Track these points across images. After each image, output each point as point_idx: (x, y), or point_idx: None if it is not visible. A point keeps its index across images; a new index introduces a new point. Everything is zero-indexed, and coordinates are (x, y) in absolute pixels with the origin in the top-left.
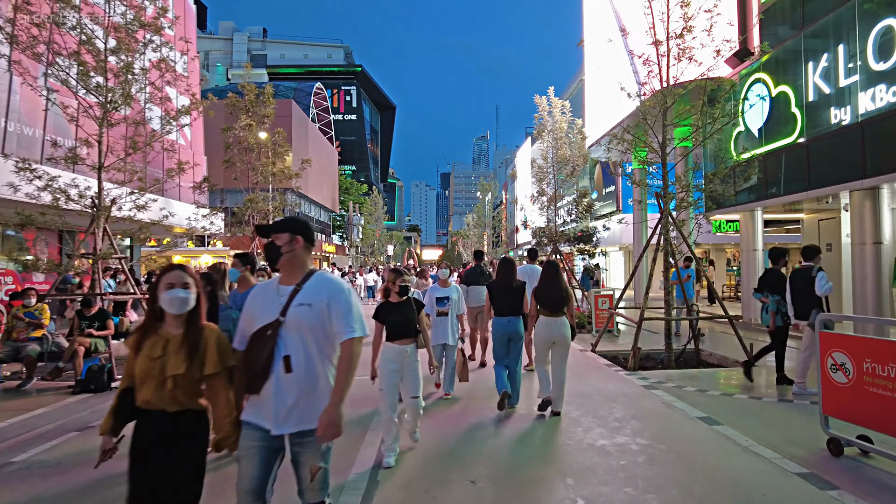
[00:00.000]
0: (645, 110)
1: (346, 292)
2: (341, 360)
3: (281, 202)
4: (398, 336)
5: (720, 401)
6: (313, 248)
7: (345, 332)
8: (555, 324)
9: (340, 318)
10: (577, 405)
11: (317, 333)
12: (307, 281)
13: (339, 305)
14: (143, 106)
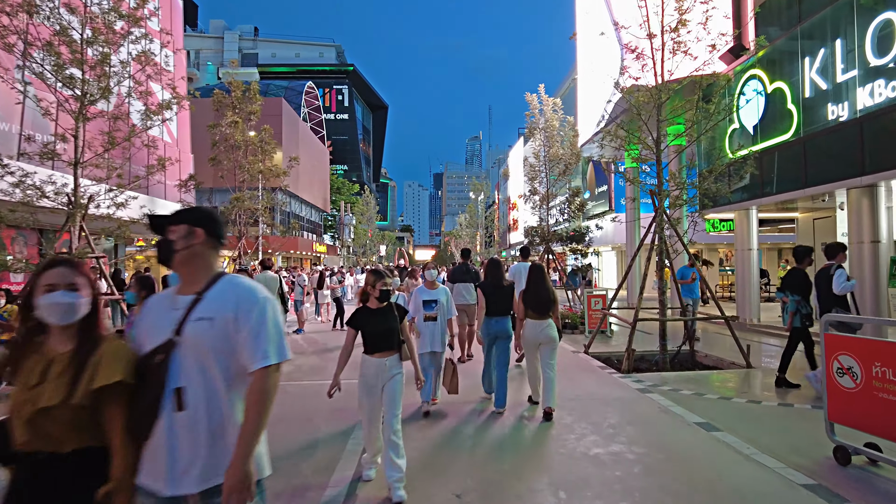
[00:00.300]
0: (639, 106)
1: (261, 303)
2: (250, 396)
3: (268, 200)
4: (378, 348)
5: (718, 405)
6: (222, 246)
7: (255, 359)
8: (541, 326)
9: (250, 340)
10: (570, 410)
11: (223, 357)
12: (211, 288)
13: (248, 321)
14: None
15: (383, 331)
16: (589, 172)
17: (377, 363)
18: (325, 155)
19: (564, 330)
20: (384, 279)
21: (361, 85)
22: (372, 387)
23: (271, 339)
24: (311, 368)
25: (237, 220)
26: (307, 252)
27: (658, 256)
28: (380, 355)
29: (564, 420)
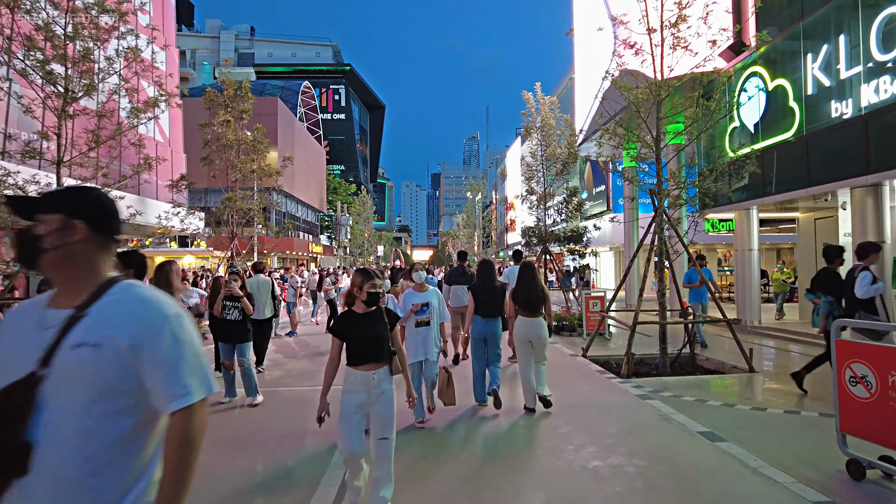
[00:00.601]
0: (638, 103)
1: (173, 322)
2: (168, 447)
3: (261, 200)
4: (364, 359)
5: (722, 413)
6: (113, 244)
7: (172, 398)
8: (532, 324)
9: (163, 373)
10: (568, 418)
11: (111, 398)
12: (97, 300)
13: (158, 347)
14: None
15: (371, 339)
16: (587, 172)
17: (363, 377)
18: (321, 155)
19: (562, 332)
20: (373, 280)
21: (358, 85)
22: (357, 407)
23: (191, 368)
24: (301, 373)
25: (230, 220)
26: (303, 253)
27: (658, 257)
28: (366, 368)
29: (562, 429)
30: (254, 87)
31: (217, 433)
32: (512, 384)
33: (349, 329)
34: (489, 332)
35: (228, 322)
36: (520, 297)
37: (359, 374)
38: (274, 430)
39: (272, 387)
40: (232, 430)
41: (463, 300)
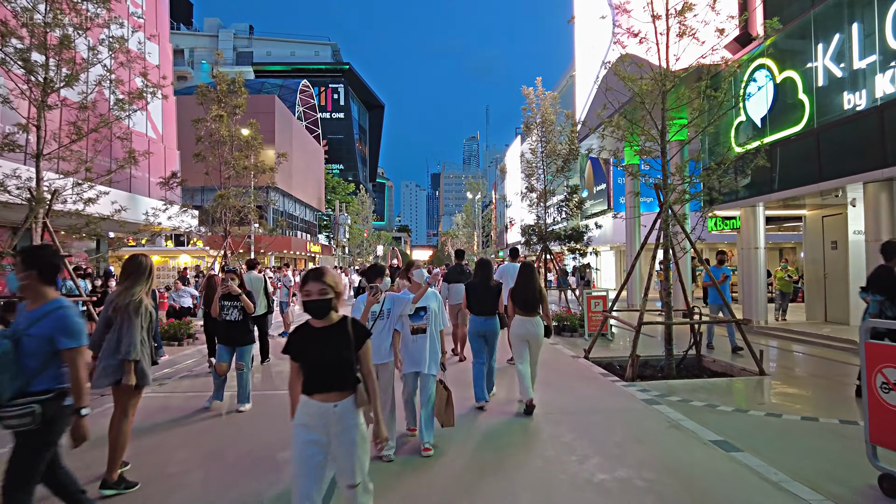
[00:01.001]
0: (643, 94)
1: None
2: None
3: (255, 198)
4: (319, 386)
5: (734, 419)
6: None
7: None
8: (529, 323)
9: None
10: (571, 426)
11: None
12: None
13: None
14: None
15: (328, 362)
16: (587, 171)
17: (320, 410)
18: (319, 154)
19: (563, 333)
20: (320, 280)
21: (357, 84)
22: (310, 444)
23: None
24: None
25: (223, 218)
26: (301, 252)
27: (664, 255)
28: (323, 397)
29: (564, 438)
30: (252, 85)
31: (197, 443)
32: (503, 383)
33: (302, 348)
34: (487, 330)
35: (228, 323)
36: (518, 296)
37: (313, 405)
38: (259, 441)
39: (260, 390)
40: (215, 440)
41: (460, 298)
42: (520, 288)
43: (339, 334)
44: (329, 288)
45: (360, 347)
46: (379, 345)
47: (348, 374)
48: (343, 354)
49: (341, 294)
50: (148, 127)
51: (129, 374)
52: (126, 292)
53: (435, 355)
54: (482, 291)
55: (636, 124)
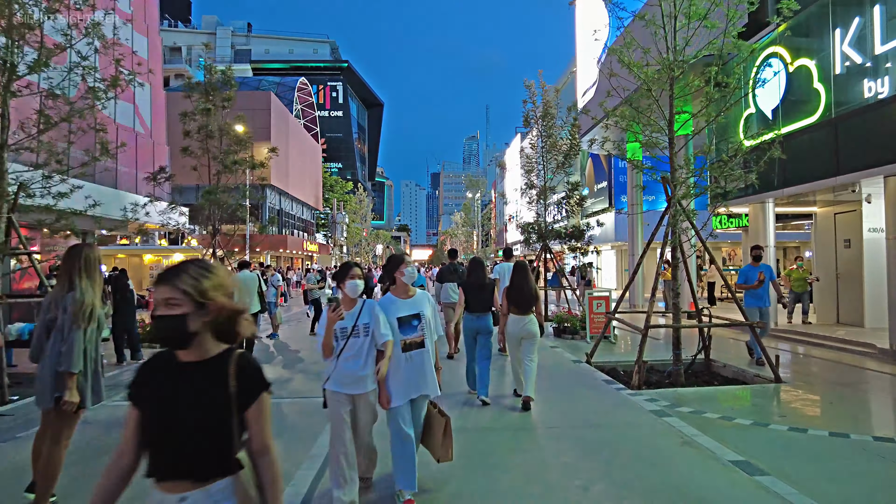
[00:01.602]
0: (649, 81)
1: None
2: None
3: (244, 194)
4: (168, 471)
5: (755, 435)
6: None
7: None
8: (523, 321)
9: None
10: (573, 442)
11: None
12: None
13: None
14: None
15: (181, 424)
16: (588, 168)
17: None
18: (317, 152)
19: (563, 335)
20: (171, 283)
21: (356, 82)
22: None
23: None
24: (275, 382)
25: (211, 215)
26: (297, 251)
27: (671, 253)
28: (169, 487)
29: (566, 457)
30: (250, 83)
31: None
32: (499, 376)
33: (153, 397)
34: (480, 327)
35: None
36: (513, 295)
37: (161, 498)
38: None
39: None
40: None
41: (451, 297)
42: (515, 287)
43: (209, 379)
44: (186, 297)
45: (249, 405)
46: (353, 373)
47: (217, 450)
48: (211, 416)
49: (223, 306)
50: (136, 121)
51: (72, 391)
52: (65, 288)
53: (430, 373)
54: (476, 289)
55: (642, 113)
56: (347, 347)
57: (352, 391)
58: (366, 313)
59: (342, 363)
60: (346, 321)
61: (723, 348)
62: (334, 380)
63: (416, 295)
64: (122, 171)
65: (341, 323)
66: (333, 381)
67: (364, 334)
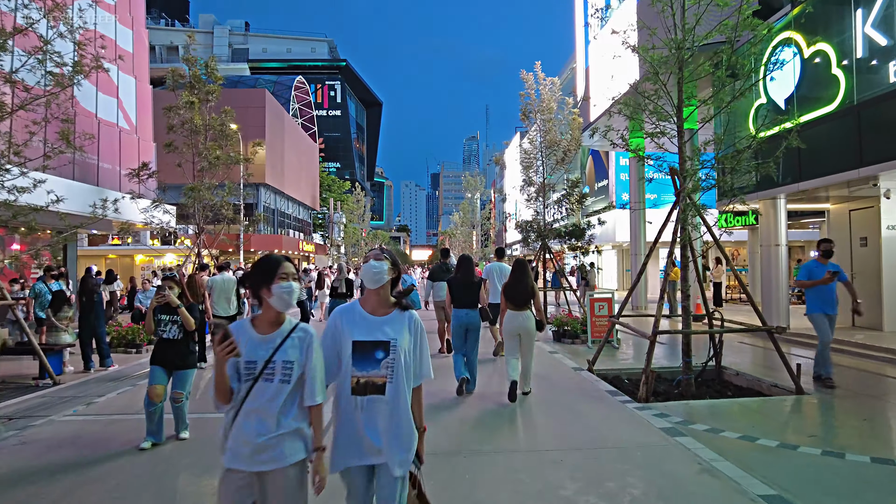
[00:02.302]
0: (657, 64)
1: None
2: None
3: (229, 192)
4: None
5: (784, 460)
6: None
7: None
8: (521, 317)
9: None
10: (573, 468)
11: None
12: None
13: None
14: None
15: None
16: (588, 166)
17: None
18: (314, 151)
19: (563, 339)
20: None
21: (355, 81)
22: None
23: None
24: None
25: (195, 214)
26: (293, 251)
27: (681, 252)
28: None
29: (566, 489)
30: (246, 82)
31: (104, 491)
32: (493, 374)
33: None
34: (468, 323)
35: (165, 341)
36: (511, 292)
37: None
38: None
39: (201, 412)
40: (132, 488)
41: (442, 296)
42: (513, 284)
43: None
44: None
45: None
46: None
47: None
48: None
49: None
50: (119, 116)
51: None
52: None
53: (405, 436)
54: (464, 286)
55: (649, 99)
56: (253, 395)
57: (257, 467)
58: (294, 344)
59: (242, 421)
60: (256, 351)
61: (734, 354)
62: (230, 449)
63: (394, 313)
64: (105, 167)
65: (251, 351)
66: (229, 450)
67: (282, 378)
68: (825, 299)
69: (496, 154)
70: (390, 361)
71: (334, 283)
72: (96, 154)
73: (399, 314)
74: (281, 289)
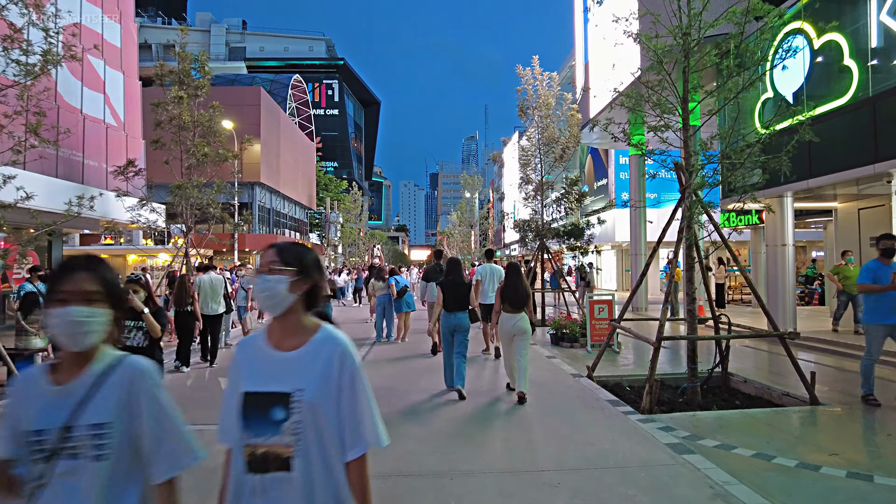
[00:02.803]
0: (661, 53)
1: None
2: None
3: (219, 190)
4: None
5: (805, 483)
6: None
7: None
8: (515, 319)
9: None
10: (572, 492)
11: None
12: None
13: None
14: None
15: None
16: (587, 165)
17: None
18: (311, 150)
19: (562, 343)
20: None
21: (352, 80)
22: None
23: None
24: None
25: (183, 212)
26: None
27: (687, 251)
28: None
29: None
30: (243, 80)
31: None
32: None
33: None
34: (457, 325)
35: (129, 349)
36: (507, 295)
37: None
38: None
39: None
40: None
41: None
42: (509, 287)
43: None
44: None
45: None
46: None
47: None
48: None
49: None
50: (106, 112)
51: None
52: None
53: None
54: (454, 288)
55: (652, 89)
56: (55, 481)
57: None
58: (109, 396)
59: None
60: (48, 416)
61: (739, 358)
62: None
63: (309, 345)
64: (91, 165)
65: (44, 416)
66: None
67: (94, 455)
68: (889, 307)
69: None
70: (296, 424)
71: None
72: (81, 151)
73: (317, 345)
74: (57, 316)
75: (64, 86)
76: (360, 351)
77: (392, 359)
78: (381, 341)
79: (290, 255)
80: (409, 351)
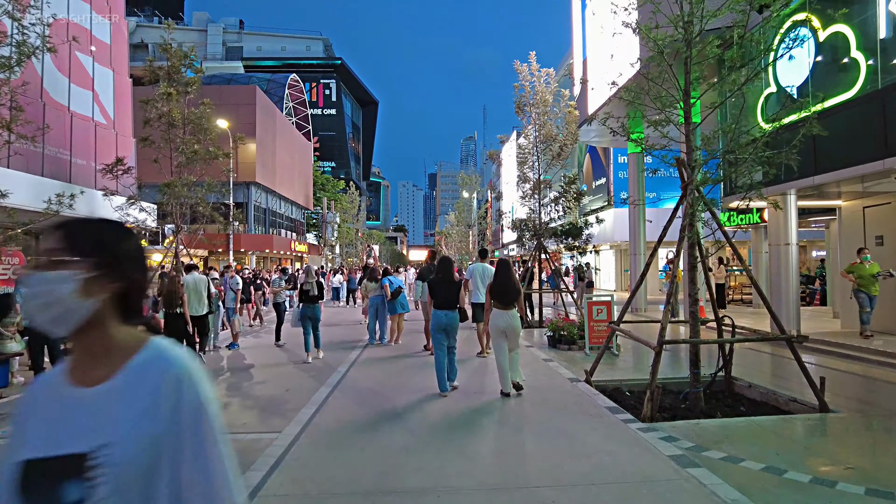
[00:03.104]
0: (662, 44)
1: None
2: None
3: (209, 188)
4: None
5: (821, 500)
6: None
7: None
8: (506, 315)
9: None
10: None
11: None
12: None
13: None
14: None
15: None
16: (586, 164)
17: None
18: (307, 149)
19: (559, 345)
20: None
21: (350, 79)
22: None
23: None
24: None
25: (173, 212)
26: (285, 251)
27: (689, 251)
28: None
29: None
30: (240, 80)
31: None
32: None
33: None
34: (447, 323)
35: None
36: (497, 291)
37: None
38: None
39: None
40: None
41: None
42: (499, 284)
43: None
44: None
45: None
46: None
47: None
48: None
49: None
50: (95, 110)
51: None
52: None
53: None
54: (444, 286)
55: (653, 81)
56: None
57: None
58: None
59: None
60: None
61: (741, 361)
62: None
63: (126, 372)
64: (79, 163)
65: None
66: None
67: None
68: None
69: (491, 150)
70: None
71: (304, 287)
72: (68, 149)
73: (136, 373)
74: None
75: (50, 82)
76: (351, 354)
77: (383, 360)
78: (374, 343)
79: (84, 238)
80: (401, 353)
